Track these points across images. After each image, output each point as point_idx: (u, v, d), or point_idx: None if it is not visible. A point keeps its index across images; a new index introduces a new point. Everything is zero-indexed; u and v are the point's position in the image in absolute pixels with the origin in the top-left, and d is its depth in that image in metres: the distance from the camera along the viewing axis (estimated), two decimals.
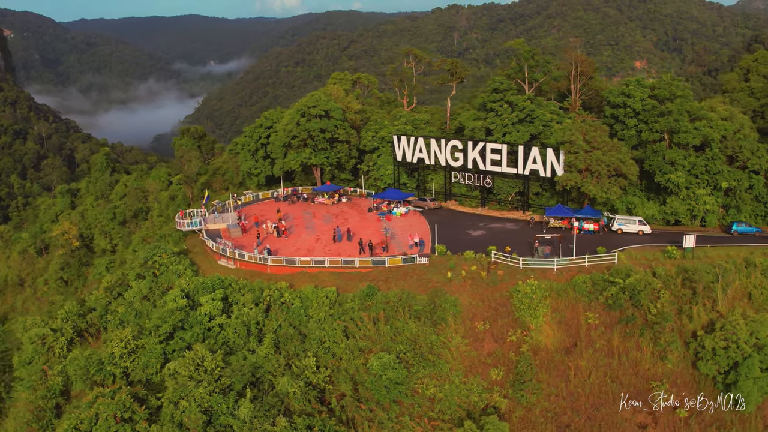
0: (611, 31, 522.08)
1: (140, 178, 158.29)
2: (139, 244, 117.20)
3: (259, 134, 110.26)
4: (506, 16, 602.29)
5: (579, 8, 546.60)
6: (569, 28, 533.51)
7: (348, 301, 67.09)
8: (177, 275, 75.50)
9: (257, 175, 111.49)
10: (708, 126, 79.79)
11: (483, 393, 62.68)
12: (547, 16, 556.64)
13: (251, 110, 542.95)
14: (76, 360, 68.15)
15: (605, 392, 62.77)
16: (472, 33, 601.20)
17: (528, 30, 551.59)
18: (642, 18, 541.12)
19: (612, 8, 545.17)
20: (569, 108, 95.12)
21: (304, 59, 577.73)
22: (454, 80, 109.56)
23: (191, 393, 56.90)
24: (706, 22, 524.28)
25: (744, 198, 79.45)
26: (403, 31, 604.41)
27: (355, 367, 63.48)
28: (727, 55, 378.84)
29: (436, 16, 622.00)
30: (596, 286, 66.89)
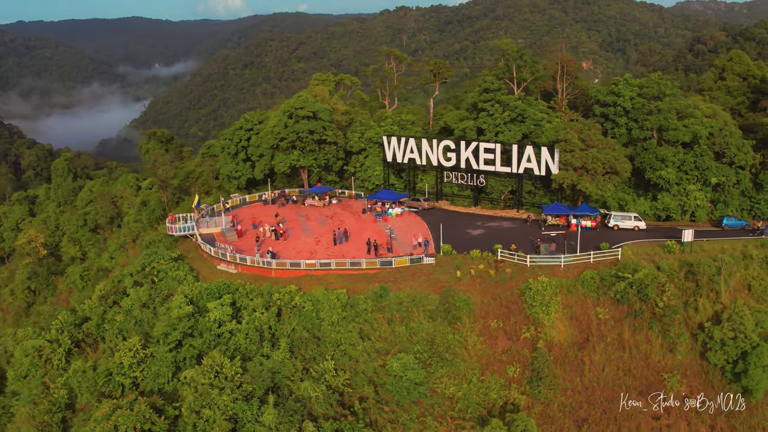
0: (557, 32, 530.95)
1: (106, 184, 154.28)
2: (116, 250, 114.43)
3: (240, 137, 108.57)
4: (454, 18, 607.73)
5: (526, 10, 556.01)
6: (516, 29, 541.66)
7: (360, 303, 66.66)
8: (177, 281, 73.77)
9: (238, 178, 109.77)
10: (697, 123, 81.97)
11: (501, 390, 63.17)
12: (494, 18, 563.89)
13: (199, 113, 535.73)
14: (82, 371, 66.08)
15: (619, 385, 63.94)
16: (420, 35, 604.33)
17: (476, 32, 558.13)
18: (587, 19, 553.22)
19: (557, 10, 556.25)
20: (555, 107, 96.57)
21: (252, 62, 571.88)
22: (437, 81, 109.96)
23: (214, 401, 55.63)
24: (648, 24, 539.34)
25: (732, 193, 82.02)
26: (352, 33, 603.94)
27: (373, 369, 63.07)
28: (671, 55, 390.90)
29: (385, 18, 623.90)
30: (604, 281, 68.13)
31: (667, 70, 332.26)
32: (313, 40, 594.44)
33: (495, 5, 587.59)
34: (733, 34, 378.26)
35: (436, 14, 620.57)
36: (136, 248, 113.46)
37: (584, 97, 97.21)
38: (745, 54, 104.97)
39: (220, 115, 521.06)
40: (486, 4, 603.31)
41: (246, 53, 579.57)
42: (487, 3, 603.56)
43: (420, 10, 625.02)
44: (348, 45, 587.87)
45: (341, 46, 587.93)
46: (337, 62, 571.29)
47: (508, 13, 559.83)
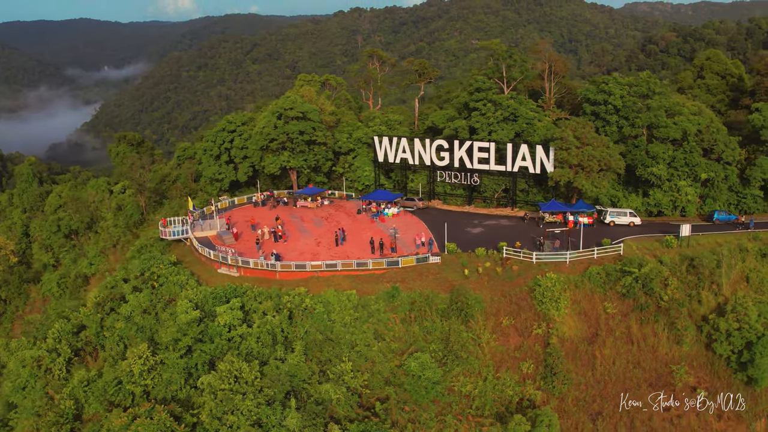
0: (511, 33, 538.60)
1: (75, 188, 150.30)
2: (96, 256, 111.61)
3: (223, 138, 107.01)
4: (408, 19, 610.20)
5: (479, 11, 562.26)
6: (471, 30, 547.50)
7: (372, 303, 66.42)
8: (179, 286, 72.29)
9: (221, 181, 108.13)
10: (686, 121, 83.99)
11: (516, 387, 63.78)
12: (448, 19, 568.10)
13: (152, 116, 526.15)
14: (86, 381, 64.31)
15: (630, 378, 65.18)
16: (375, 36, 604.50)
17: (431, 33, 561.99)
18: (539, 21, 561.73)
19: (511, 11, 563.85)
20: (543, 106, 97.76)
21: (206, 63, 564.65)
22: (422, 81, 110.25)
23: (237, 406, 54.68)
24: (599, 25, 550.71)
25: (721, 188, 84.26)
26: (307, 35, 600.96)
27: (389, 369, 62.97)
28: (624, 56, 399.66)
29: (339, 20, 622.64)
30: (610, 276, 69.32)
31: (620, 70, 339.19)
32: (267, 42, 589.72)
33: (449, 6, 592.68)
34: (683, 35, 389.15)
35: (390, 15, 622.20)
36: (117, 253, 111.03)
37: (571, 95, 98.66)
38: (722, 53, 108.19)
39: (174, 118, 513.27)
40: (440, 5, 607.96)
41: (199, 55, 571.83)
42: (441, 4, 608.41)
43: (374, 12, 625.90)
44: (303, 47, 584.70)
45: (296, 47, 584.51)
46: (293, 64, 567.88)
47: (462, 15, 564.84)
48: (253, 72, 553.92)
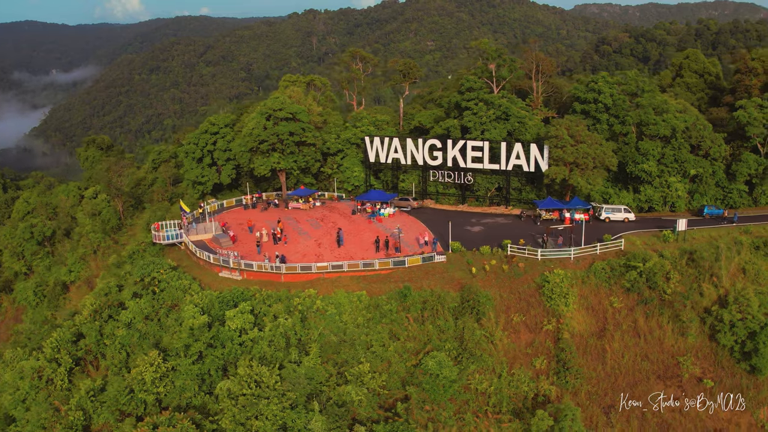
0: (465, 34, 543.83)
1: (44, 194, 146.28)
2: (75, 263, 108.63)
3: (206, 140, 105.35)
4: (363, 21, 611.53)
5: (434, 13, 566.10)
6: (425, 32, 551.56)
7: (384, 304, 66.17)
8: (182, 291, 70.84)
9: (203, 184, 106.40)
10: (674, 118, 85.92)
11: (530, 383, 64.23)
12: (403, 21, 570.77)
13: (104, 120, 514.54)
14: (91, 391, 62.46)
15: (639, 371, 66.31)
16: (330, 38, 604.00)
17: (386, 34, 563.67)
18: (492, 22, 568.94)
19: (465, 13, 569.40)
20: (531, 105, 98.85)
21: (158, 66, 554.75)
22: (406, 81, 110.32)
23: (262, 411, 53.82)
24: (551, 26, 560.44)
25: (709, 183, 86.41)
26: (261, 36, 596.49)
27: (405, 369, 62.85)
28: (578, 56, 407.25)
29: (294, 21, 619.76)
30: (614, 271, 70.42)
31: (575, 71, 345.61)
32: (221, 44, 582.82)
33: (403, 8, 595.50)
34: (635, 36, 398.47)
35: (345, 17, 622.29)
36: (98, 260, 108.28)
37: (558, 94, 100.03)
38: (700, 53, 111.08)
39: (127, 122, 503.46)
40: (394, 7, 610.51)
41: (151, 57, 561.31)
42: (396, 6, 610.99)
43: (329, 13, 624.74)
44: (257, 48, 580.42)
45: (250, 49, 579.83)
46: (247, 66, 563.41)
47: (417, 16, 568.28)
48: (207, 74, 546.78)
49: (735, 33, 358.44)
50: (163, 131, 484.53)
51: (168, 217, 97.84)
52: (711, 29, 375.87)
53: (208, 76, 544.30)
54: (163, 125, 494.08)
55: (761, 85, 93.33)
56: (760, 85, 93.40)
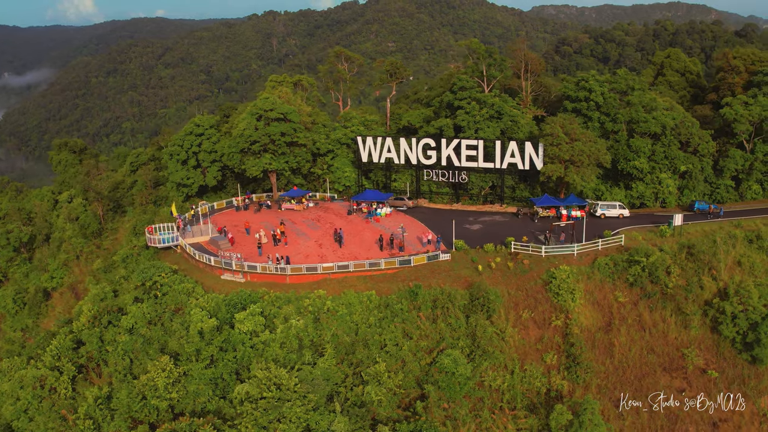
0: (426, 36, 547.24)
1: (15, 199, 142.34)
2: (58, 269, 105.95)
3: (191, 142, 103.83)
4: (323, 23, 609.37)
5: (395, 15, 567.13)
6: (386, 33, 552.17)
7: (395, 303, 65.97)
8: (186, 295, 69.55)
9: (189, 186, 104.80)
10: (664, 115, 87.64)
11: (542, 378, 64.80)
12: (364, 23, 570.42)
13: (61, 124, 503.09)
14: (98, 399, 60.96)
15: (645, 363, 67.40)
16: (290, 39, 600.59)
17: (347, 36, 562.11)
18: (453, 24, 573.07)
19: (425, 14, 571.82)
20: (521, 104, 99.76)
21: (116, 69, 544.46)
22: (393, 81, 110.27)
23: (285, 414, 53.16)
24: (511, 27, 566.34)
25: (698, 179, 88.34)
26: (221, 38, 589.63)
27: (420, 367, 62.80)
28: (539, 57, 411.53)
29: (254, 23, 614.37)
30: (617, 266, 71.45)
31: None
32: (179, 46, 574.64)
33: (364, 10, 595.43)
34: (594, 37, 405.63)
35: (305, 19, 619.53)
36: (81, 265, 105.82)
37: (546, 93, 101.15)
38: (681, 52, 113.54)
39: (84, 126, 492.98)
40: (354, 8, 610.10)
41: (109, 60, 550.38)
42: (356, 8, 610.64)
43: (289, 15, 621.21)
44: (217, 50, 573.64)
45: (210, 51, 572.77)
46: (207, 68, 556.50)
47: (378, 18, 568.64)
48: (166, 77, 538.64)
49: (691, 33, 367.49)
50: (121, 134, 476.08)
51: (157, 220, 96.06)
52: (668, 30, 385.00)
53: (167, 78, 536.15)
54: (122, 128, 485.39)
55: (744, 83, 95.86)
56: (743, 83, 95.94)
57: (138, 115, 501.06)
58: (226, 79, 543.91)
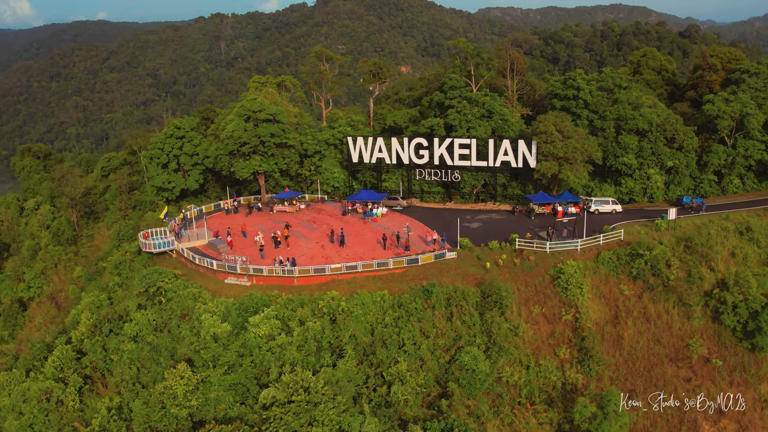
0: (376, 38, 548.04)
1: None
2: (35, 278, 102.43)
3: (171, 145, 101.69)
4: (272, 25, 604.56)
5: (344, 17, 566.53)
6: (336, 36, 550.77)
7: (410, 302, 65.75)
8: (192, 300, 67.96)
9: (170, 190, 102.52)
10: (650, 112, 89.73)
11: (557, 372, 65.53)
12: (313, 25, 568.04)
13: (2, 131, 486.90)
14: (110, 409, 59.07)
15: (653, 355, 68.84)
16: (238, 42, 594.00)
17: (296, 38, 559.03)
18: (402, 26, 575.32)
19: (374, 17, 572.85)
20: (507, 103, 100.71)
21: (59, 73, 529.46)
22: (376, 81, 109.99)
23: (317, 417, 52.40)
24: (459, 29, 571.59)
25: (684, 174, 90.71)
26: (167, 41, 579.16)
27: (439, 365, 62.77)
28: None
29: (201, 26, 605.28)
30: (620, 260, 72.77)
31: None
32: (125, 50, 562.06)
33: (312, 12, 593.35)
34: (544, 38, 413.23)
35: (253, 21, 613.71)
36: (59, 274, 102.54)
37: (532, 92, 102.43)
38: (657, 51, 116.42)
39: (27, 132, 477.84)
40: (303, 11, 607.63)
41: (51, 64, 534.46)
42: (304, 10, 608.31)
43: (236, 17, 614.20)
44: (164, 54, 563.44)
45: (156, 54, 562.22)
46: (153, 71, 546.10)
47: (327, 20, 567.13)
48: (112, 81, 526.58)
49: (637, 35, 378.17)
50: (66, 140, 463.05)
51: (143, 225, 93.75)
52: (615, 31, 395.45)
53: (113, 82, 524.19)
54: (66, 134, 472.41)
55: (721, 80, 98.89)
56: (720, 80, 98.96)
57: (83, 121, 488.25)
58: (173, 82, 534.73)
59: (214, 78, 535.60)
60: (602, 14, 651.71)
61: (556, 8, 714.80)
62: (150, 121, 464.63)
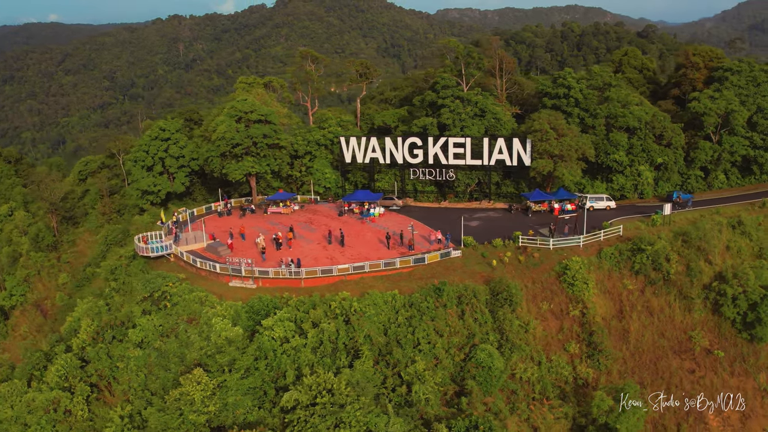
0: (337, 39, 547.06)
1: None
2: (17, 286, 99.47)
3: (157, 147, 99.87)
4: (231, 27, 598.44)
5: (304, 18, 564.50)
6: (296, 37, 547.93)
7: (422, 301, 65.63)
8: (199, 303, 66.72)
9: (155, 193, 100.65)
10: (639, 110, 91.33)
11: (567, 367, 66.21)
12: (273, 26, 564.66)
13: None
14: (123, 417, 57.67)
15: (658, 347, 70.04)
16: (197, 44, 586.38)
17: (256, 40, 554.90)
18: (362, 27, 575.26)
19: (335, 18, 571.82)
20: (497, 101, 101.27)
21: (12, 76, 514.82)
22: (363, 81, 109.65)
23: (344, 419, 51.92)
24: (419, 30, 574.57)
25: (673, 170, 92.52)
26: (124, 43, 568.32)
27: (453, 364, 62.84)
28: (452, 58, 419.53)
29: (158, 27, 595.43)
30: (622, 255, 73.86)
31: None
32: (80, 52, 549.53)
33: (272, 14, 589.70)
34: (505, 39, 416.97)
35: (211, 23, 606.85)
36: (43, 281, 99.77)
37: (520, 91, 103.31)
38: (638, 50, 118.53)
39: None
40: (262, 12, 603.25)
41: (4, 67, 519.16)
42: (264, 11, 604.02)
43: (195, 19, 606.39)
44: (121, 56, 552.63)
45: (113, 57, 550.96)
46: (110, 74, 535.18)
47: (287, 21, 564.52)
48: (68, 84, 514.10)
49: (596, 35, 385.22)
50: (21, 145, 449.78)
51: (133, 229, 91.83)
52: (575, 32, 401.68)
53: (69, 85, 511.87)
54: (21, 138, 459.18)
55: (704, 78, 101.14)
56: (703, 78, 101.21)
57: (39, 125, 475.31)
58: (131, 85, 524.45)
59: (172, 80, 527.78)
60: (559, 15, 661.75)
61: (513, 9, 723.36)
62: (108, 124, 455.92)
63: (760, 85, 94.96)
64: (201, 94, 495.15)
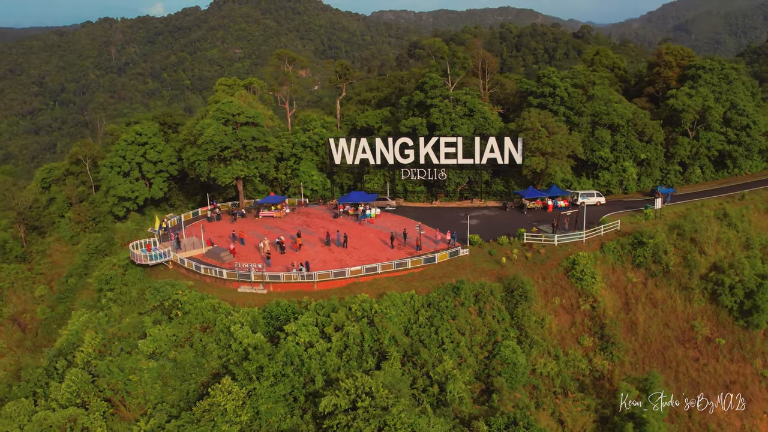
0: (274, 41, 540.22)
1: None
2: None
3: (134, 152, 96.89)
4: (164, 29, 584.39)
5: (240, 20, 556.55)
6: (233, 39, 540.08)
7: (440, 300, 65.61)
8: (212, 311, 64.89)
9: (133, 199, 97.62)
10: (622, 107, 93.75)
11: (583, 360, 67.35)
12: (209, 29, 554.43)
13: None
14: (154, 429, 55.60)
15: (664, 338, 72.04)
16: (130, 47, 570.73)
17: (191, 43, 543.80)
18: (299, 29, 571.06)
19: (271, 20, 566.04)
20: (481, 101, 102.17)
21: None
22: (343, 82, 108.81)
23: (390, 421, 51.32)
24: (356, 32, 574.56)
25: (655, 166, 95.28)
26: (53, 47, 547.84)
27: (477, 361, 63.04)
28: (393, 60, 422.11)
29: (88, 31, 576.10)
30: (624, 249, 75.64)
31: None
32: (6, 56, 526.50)
33: (206, 16, 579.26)
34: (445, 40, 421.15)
35: (144, 25, 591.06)
36: (18, 293, 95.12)
37: (502, 91, 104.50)
38: (608, 49, 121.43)
39: None
40: (197, 14, 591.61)
41: None
42: (198, 14, 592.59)
43: (126, 22, 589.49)
44: (50, 60, 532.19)
45: (41, 61, 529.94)
46: (39, 79, 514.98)
47: (223, 24, 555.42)
48: None
49: (534, 36, 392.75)
50: None
51: (117, 238, 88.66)
52: (513, 32, 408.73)
53: None
54: None
55: (677, 76, 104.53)
56: (676, 76, 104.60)
57: None
58: (61, 90, 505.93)
59: (105, 84, 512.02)
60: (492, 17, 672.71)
61: (447, 11, 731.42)
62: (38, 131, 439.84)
63: (732, 83, 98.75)
64: (136, 98, 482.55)
